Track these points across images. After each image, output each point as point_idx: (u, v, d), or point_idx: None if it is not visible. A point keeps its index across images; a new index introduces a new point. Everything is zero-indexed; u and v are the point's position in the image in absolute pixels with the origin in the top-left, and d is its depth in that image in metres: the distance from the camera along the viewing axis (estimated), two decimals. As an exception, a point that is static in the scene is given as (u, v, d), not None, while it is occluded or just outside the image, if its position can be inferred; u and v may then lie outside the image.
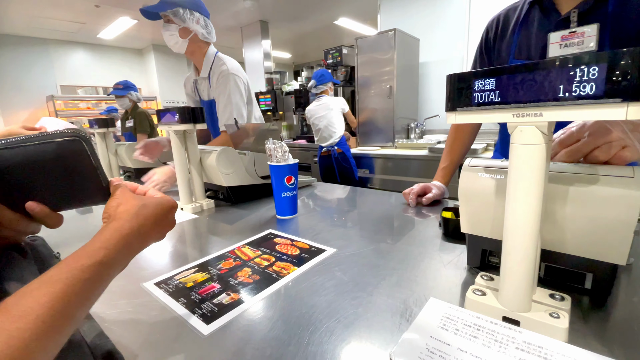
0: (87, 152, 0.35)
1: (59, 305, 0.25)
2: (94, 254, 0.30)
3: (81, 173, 0.36)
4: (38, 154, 0.33)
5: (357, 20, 5.16)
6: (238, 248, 0.72)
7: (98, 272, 0.29)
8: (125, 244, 0.33)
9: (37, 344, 0.22)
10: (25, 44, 5.11)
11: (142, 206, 0.37)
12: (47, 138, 0.33)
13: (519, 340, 0.38)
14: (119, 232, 0.33)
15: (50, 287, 0.25)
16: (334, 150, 2.80)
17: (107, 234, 0.33)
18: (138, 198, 0.38)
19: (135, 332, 0.45)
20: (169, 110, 0.97)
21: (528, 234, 0.38)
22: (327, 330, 0.43)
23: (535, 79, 0.35)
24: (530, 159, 0.37)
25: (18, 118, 5.16)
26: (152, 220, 0.37)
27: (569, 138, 0.47)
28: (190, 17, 1.34)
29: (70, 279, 0.27)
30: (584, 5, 0.73)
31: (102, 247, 0.31)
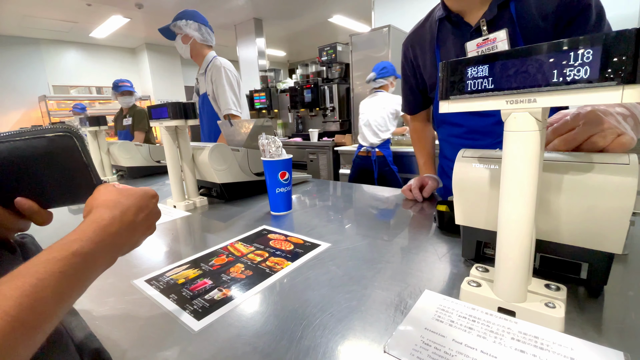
0: (79, 148, 0.34)
1: (28, 300, 0.23)
2: (68, 246, 0.28)
3: (72, 169, 0.35)
4: (28, 149, 0.32)
5: (352, 18, 5.15)
6: (231, 244, 0.71)
7: (72, 265, 0.27)
8: (105, 235, 0.31)
9: (3, 341, 0.21)
10: (17, 44, 5.04)
11: (123, 196, 0.36)
12: (37, 133, 0.32)
13: (514, 330, 0.38)
14: (97, 222, 0.32)
15: (19, 280, 0.23)
16: (373, 152, 2.54)
17: (83, 226, 0.31)
18: (118, 190, 0.37)
19: (125, 329, 0.44)
20: (160, 107, 0.95)
21: (523, 224, 0.38)
22: (320, 324, 0.42)
23: (528, 64, 0.34)
24: (524, 146, 0.36)
25: (10, 119, 5.09)
26: (134, 210, 0.36)
27: (563, 126, 0.46)
28: (186, 25, 1.64)
29: (41, 272, 0.25)
30: (489, 14, 0.78)
31: (77, 238, 0.29)
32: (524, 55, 0.34)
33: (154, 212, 0.40)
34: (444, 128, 1.01)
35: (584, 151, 0.45)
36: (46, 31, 4.97)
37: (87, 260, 0.29)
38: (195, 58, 1.75)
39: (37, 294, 0.23)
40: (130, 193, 0.38)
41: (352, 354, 0.37)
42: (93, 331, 0.43)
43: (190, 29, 1.65)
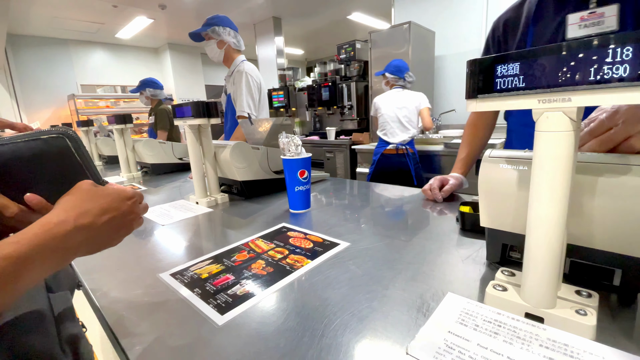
0: (72, 149, 0.37)
1: None
2: (3, 247, 0.27)
3: (68, 169, 0.38)
4: (27, 149, 0.35)
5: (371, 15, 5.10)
6: (252, 241, 0.72)
7: (1, 267, 0.26)
8: (47, 238, 0.30)
9: None
10: (47, 45, 5.27)
11: (88, 198, 0.36)
12: (34, 135, 0.36)
13: (542, 337, 0.37)
14: (42, 226, 0.31)
15: None
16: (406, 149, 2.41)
17: (30, 227, 0.31)
18: (85, 191, 0.37)
19: (152, 320, 0.46)
20: (184, 106, 0.98)
21: (553, 228, 0.37)
22: (341, 323, 0.43)
23: (562, 61, 0.33)
24: (556, 148, 0.35)
25: (42, 116, 5.35)
26: (97, 212, 0.35)
27: (599, 127, 0.44)
28: (223, 31, 1.73)
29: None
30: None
31: (14, 241, 0.28)
32: (558, 52, 0.33)
33: (127, 213, 0.39)
34: (515, 117, 0.96)
35: (621, 152, 0.43)
36: (74, 32, 5.18)
37: (20, 263, 0.28)
38: (225, 62, 1.84)
39: None
40: (100, 194, 0.37)
41: (374, 354, 0.37)
42: (120, 322, 0.45)
43: (227, 36, 1.74)
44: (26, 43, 5.08)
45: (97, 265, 0.65)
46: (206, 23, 1.72)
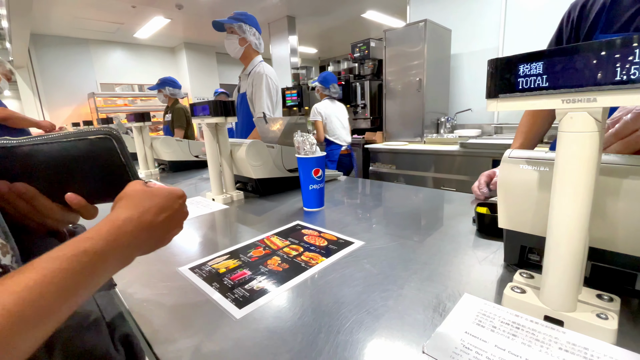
0: (117, 150, 0.37)
1: (30, 295, 0.23)
2: (80, 243, 0.28)
3: (111, 169, 0.38)
4: (73, 149, 0.35)
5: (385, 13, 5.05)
6: (267, 237, 0.73)
7: (80, 263, 0.27)
8: (119, 234, 0.31)
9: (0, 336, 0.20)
10: (68, 44, 5.44)
11: (146, 197, 0.36)
12: (82, 135, 0.35)
13: (562, 340, 0.36)
14: (112, 222, 0.32)
15: (25, 276, 0.23)
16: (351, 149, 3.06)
17: (99, 224, 0.32)
18: (142, 190, 0.37)
19: (173, 312, 0.47)
20: (202, 104, 1.00)
21: (575, 230, 0.36)
22: (357, 320, 0.43)
23: (588, 60, 0.32)
24: (580, 149, 0.34)
25: (62, 114, 5.53)
26: (154, 210, 0.36)
27: (624, 128, 0.43)
28: (249, 30, 1.73)
29: (48, 268, 0.25)
30: None
31: (90, 237, 0.29)
32: (584, 51, 0.32)
33: (179, 212, 0.40)
34: None
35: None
36: (95, 32, 5.33)
37: (96, 258, 0.28)
38: (243, 60, 1.84)
39: (40, 290, 0.23)
40: (155, 193, 0.37)
41: (390, 352, 0.38)
42: (142, 312, 0.47)
43: (252, 36, 1.75)
44: (48, 43, 5.25)
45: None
46: (234, 17, 1.71)
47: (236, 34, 1.73)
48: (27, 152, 0.34)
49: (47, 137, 0.35)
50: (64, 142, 0.35)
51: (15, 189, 0.34)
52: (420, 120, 2.81)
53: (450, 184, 2.46)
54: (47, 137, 0.35)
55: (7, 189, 0.34)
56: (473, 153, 2.32)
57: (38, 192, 0.35)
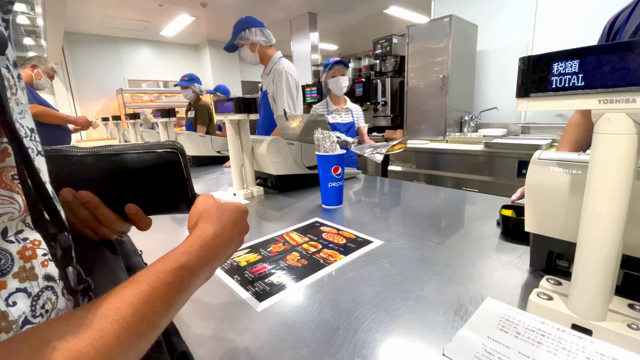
0: (182, 164, 0.37)
1: (143, 307, 0.23)
2: (178, 258, 0.29)
3: (174, 182, 0.38)
4: (140, 161, 0.36)
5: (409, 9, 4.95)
6: (286, 233, 0.74)
7: (180, 276, 0.28)
8: (208, 249, 0.33)
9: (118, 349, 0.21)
10: (99, 42, 5.67)
11: (222, 213, 0.37)
12: (149, 148, 0.36)
13: (590, 350, 0.35)
14: (202, 238, 0.33)
15: (136, 287, 0.24)
16: None
17: (191, 240, 0.33)
18: (217, 205, 0.39)
19: (196, 302, 0.49)
20: (226, 101, 1.02)
21: (608, 237, 0.34)
22: (375, 319, 0.43)
23: (628, 59, 0.31)
24: (617, 151, 0.33)
25: (93, 109, 5.78)
26: (231, 225, 0.37)
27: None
28: (250, 33, 1.71)
29: (155, 281, 0.26)
30: None
31: (186, 252, 0.30)
32: (623, 50, 0.31)
33: (245, 227, 0.41)
34: None
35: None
36: (124, 30, 5.52)
37: (192, 273, 0.30)
38: (262, 61, 1.84)
39: (150, 302, 0.24)
40: (228, 208, 0.39)
41: (409, 352, 0.37)
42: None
43: (255, 36, 1.73)
44: (81, 40, 5.49)
45: (142, 249, 0.70)
46: (233, 32, 1.75)
47: (244, 44, 1.75)
48: (94, 162, 0.35)
49: (116, 148, 0.35)
50: (131, 154, 0.35)
51: (79, 196, 0.35)
52: (443, 118, 2.75)
53: (472, 185, 2.40)
54: (116, 148, 0.35)
55: (72, 196, 0.34)
56: (498, 153, 2.24)
57: (100, 201, 0.36)
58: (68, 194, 0.34)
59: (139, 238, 0.46)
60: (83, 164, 0.35)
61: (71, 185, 0.34)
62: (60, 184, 0.34)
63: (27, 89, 2.16)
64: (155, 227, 0.39)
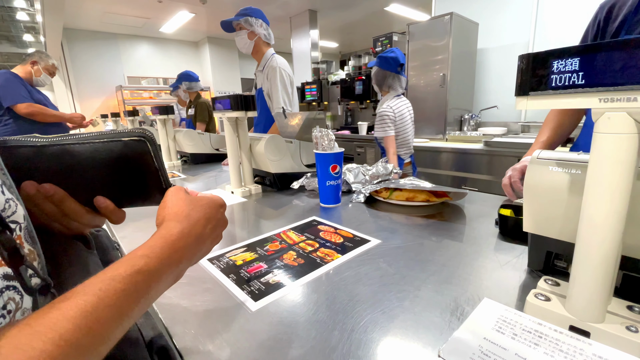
0: (151, 153, 0.35)
1: (86, 322, 0.21)
2: (134, 262, 0.27)
3: (144, 172, 0.36)
4: (105, 151, 0.33)
5: (409, 6, 4.93)
6: (283, 232, 0.74)
7: (135, 283, 0.26)
8: (172, 251, 0.30)
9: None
10: (98, 39, 5.65)
11: (192, 208, 0.35)
12: (115, 136, 0.33)
13: (588, 352, 0.35)
14: (164, 238, 0.31)
15: (80, 298, 0.22)
16: None
17: (152, 241, 0.30)
18: (188, 199, 0.36)
19: (191, 302, 0.48)
20: (223, 99, 1.01)
21: (608, 237, 0.34)
22: (371, 320, 0.43)
23: (630, 57, 0.30)
24: (617, 151, 0.32)
25: (92, 106, 5.76)
26: (203, 221, 0.35)
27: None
28: (255, 23, 1.73)
29: (104, 290, 0.23)
30: None
31: (144, 254, 0.28)
32: (624, 47, 0.30)
33: (221, 222, 0.39)
34: None
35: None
36: (123, 27, 5.50)
37: (151, 277, 0.27)
38: (255, 54, 1.83)
39: (96, 315, 0.22)
40: (200, 204, 0.36)
41: (405, 353, 0.37)
42: (161, 301, 0.48)
43: (259, 27, 1.73)
44: (80, 37, 5.46)
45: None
46: (239, 13, 1.74)
47: (244, 29, 1.73)
48: (56, 152, 0.33)
49: (79, 136, 0.33)
50: (96, 143, 0.33)
51: (43, 190, 0.33)
52: (443, 116, 2.74)
53: (472, 184, 2.39)
54: (78, 136, 0.33)
55: (35, 190, 0.32)
56: (498, 152, 2.24)
57: (67, 194, 0.34)
58: (30, 188, 0.32)
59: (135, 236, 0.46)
60: (45, 154, 0.32)
61: (34, 178, 0.32)
62: (22, 177, 0.32)
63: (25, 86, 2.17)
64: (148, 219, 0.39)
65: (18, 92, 2.10)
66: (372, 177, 1.08)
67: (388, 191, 0.93)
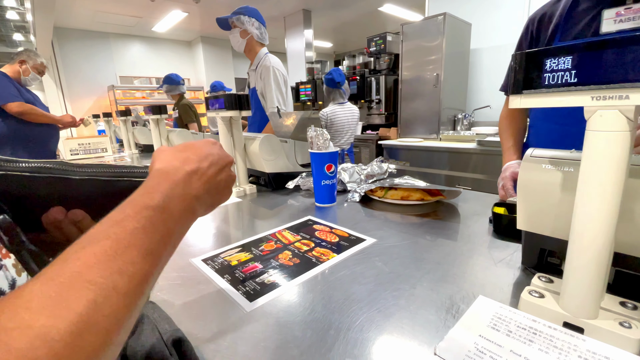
0: None
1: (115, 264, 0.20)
2: (138, 200, 0.26)
3: None
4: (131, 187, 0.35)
5: (403, 6, 4.96)
6: (279, 232, 0.73)
7: (149, 218, 0.25)
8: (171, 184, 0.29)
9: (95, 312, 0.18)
10: (89, 38, 5.57)
11: (180, 149, 0.33)
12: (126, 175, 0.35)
13: (582, 348, 0.35)
14: (159, 173, 0.29)
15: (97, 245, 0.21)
16: None
17: (145, 181, 0.28)
18: (176, 147, 0.34)
19: (185, 303, 0.48)
20: (217, 98, 1.00)
21: (600, 234, 0.34)
22: (367, 318, 0.43)
23: (621, 55, 0.30)
24: (610, 149, 0.32)
25: (84, 106, 5.68)
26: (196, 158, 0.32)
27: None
28: (248, 22, 1.72)
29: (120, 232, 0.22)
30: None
31: (143, 192, 0.27)
32: (616, 46, 0.31)
33: (221, 156, 0.35)
34: (536, 111, 0.93)
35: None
36: (115, 26, 5.43)
37: (160, 211, 0.26)
38: (247, 53, 1.83)
39: (123, 256, 0.21)
40: (188, 145, 0.34)
41: (401, 352, 0.37)
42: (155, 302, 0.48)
43: (251, 26, 1.73)
44: (71, 36, 5.38)
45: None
46: (234, 11, 1.74)
47: (237, 27, 1.74)
48: (89, 184, 0.33)
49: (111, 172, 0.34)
50: (125, 181, 0.34)
51: (73, 215, 0.33)
52: (437, 116, 2.76)
53: (465, 183, 2.41)
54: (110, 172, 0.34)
55: (64, 215, 0.33)
56: (491, 151, 2.26)
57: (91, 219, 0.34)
58: (60, 214, 0.33)
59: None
60: (79, 185, 0.33)
61: (62, 204, 0.33)
62: (52, 204, 0.33)
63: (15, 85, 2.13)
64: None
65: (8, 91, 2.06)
66: (367, 176, 1.08)
67: (383, 190, 0.93)
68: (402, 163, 2.80)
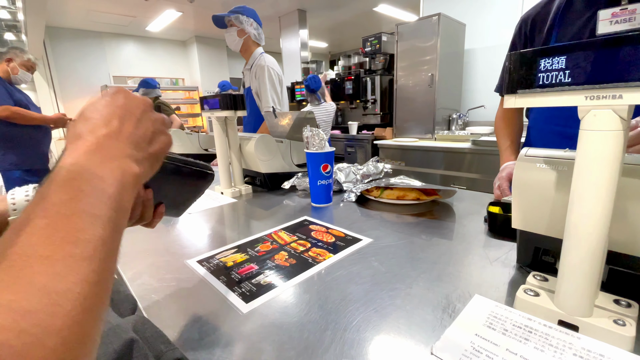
0: (209, 184, 0.42)
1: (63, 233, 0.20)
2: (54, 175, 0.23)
3: (194, 194, 0.43)
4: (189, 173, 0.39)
5: (398, 7, 4.97)
6: (275, 232, 0.73)
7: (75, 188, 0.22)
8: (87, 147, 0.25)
9: None
10: (82, 37, 5.51)
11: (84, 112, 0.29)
12: (206, 168, 0.40)
13: (577, 346, 0.35)
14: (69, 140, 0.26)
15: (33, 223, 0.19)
16: None
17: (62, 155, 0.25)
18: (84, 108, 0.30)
19: (181, 305, 0.47)
20: (212, 98, 1.00)
21: (594, 233, 0.35)
22: (364, 319, 0.42)
23: (614, 55, 0.31)
24: (603, 148, 0.33)
25: (77, 105, 5.62)
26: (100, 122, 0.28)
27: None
28: (246, 21, 1.72)
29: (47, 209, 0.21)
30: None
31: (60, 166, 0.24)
32: (610, 45, 0.31)
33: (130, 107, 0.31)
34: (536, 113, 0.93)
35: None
36: (108, 25, 5.38)
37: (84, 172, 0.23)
38: (243, 53, 1.82)
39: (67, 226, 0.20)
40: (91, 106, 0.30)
41: (398, 352, 0.37)
42: (151, 305, 0.47)
43: (249, 26, 1.73)
44: (63, 35, 5.32)
45: (127, 249, 0.68)
46: (232, 10, 1.73)
47: (234, 26, 1.73)
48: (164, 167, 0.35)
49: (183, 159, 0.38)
50: (189, 168, 0.38)
51: (144, 194, 0.34)
52: (432, 116, 2.77)
53: (460, 182, 2.43)
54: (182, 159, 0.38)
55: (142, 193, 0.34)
56: (485, 151, 2.27)
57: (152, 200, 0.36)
58: None
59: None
60: None
61: None
62: None
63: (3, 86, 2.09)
64: (134, 227, 0.38)
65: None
66: (363, 176, 1.08)
67: (379, 190, 0.93)
68: (397, 162, 2.81)
